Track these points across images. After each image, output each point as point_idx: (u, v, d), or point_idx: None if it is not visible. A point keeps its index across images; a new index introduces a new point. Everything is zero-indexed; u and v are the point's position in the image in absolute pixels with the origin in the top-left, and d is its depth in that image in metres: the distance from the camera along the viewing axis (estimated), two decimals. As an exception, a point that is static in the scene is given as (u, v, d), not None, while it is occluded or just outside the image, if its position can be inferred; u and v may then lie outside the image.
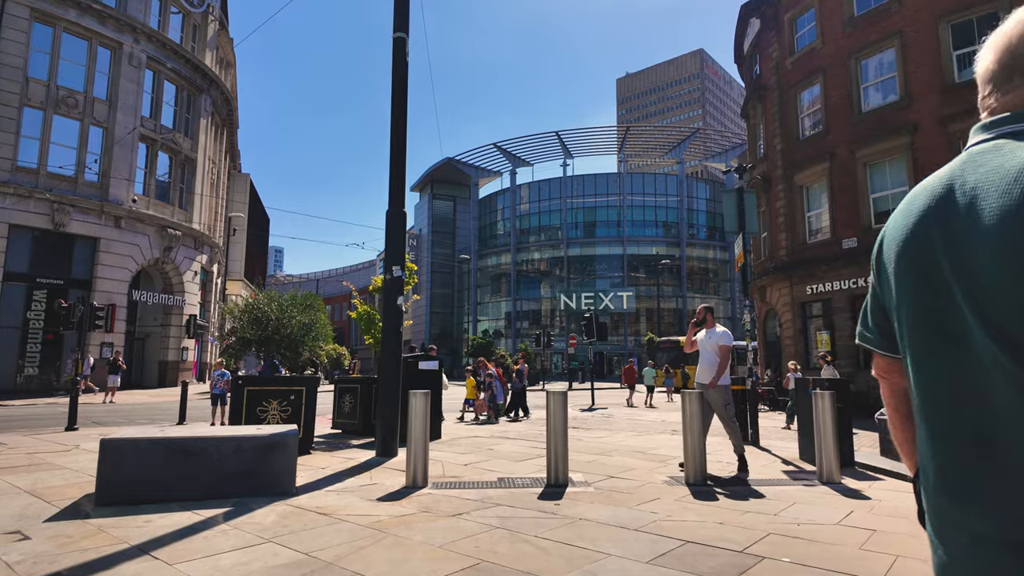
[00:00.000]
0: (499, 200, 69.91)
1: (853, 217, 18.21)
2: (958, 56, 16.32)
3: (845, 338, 18.24)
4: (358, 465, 6.68)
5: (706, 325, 6.82)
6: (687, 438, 5.90)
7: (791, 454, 7.96)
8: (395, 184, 7.48)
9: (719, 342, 6.62)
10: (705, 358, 6.68)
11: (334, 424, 10.31)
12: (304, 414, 7.51)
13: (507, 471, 6.45)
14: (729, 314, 63.06)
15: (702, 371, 6.65)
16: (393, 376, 7.25)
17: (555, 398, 5.80)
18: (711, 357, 6.58)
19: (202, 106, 31.38)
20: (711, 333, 6.77)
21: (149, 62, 27.79)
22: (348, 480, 5.87)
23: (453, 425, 11.98)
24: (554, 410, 5.75)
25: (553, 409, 5.76)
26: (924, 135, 16.60)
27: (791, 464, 7.13)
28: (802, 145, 20.30)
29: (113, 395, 20.30)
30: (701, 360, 6.71)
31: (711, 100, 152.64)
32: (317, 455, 7.39)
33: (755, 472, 6.57)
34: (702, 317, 6.83)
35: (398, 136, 7.51)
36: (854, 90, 18.56)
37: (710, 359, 6.59)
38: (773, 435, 10.73)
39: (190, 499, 4.68)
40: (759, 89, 22.88)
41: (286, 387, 7.48)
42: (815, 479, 6.09)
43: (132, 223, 26.33)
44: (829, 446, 5.95)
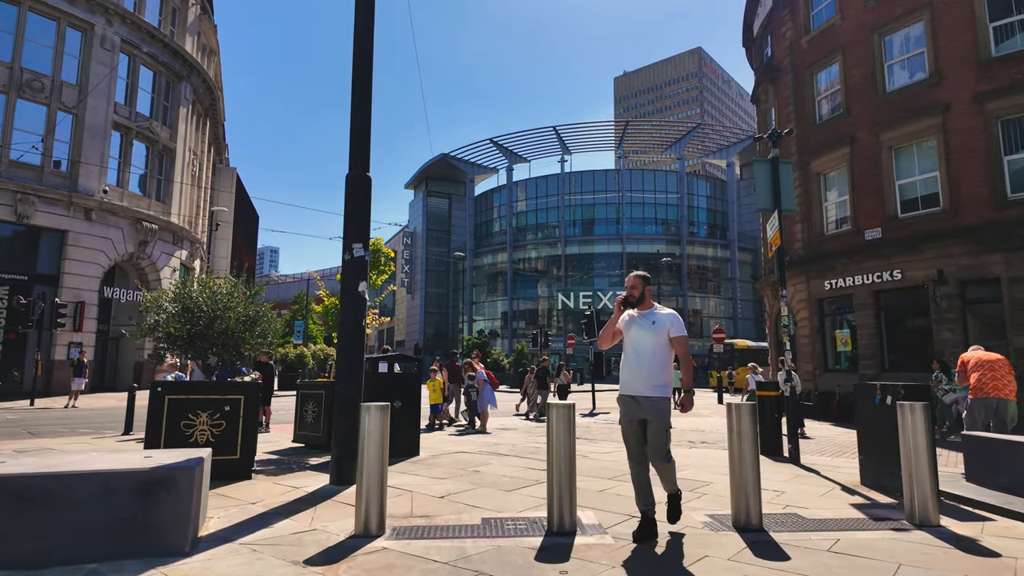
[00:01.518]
0: (495, 197, 68.45)
1: (877, 206, 16.77)
2: (995, 28, 14.89)
3: (868, 337, 16.79)
4: (302, 498, 5.18)
5: (641, 305, 4.39)
6: (735, 467, 4.41)
7: (848, 477, 6.48)
8: (357, 140, 5.98)
9: (672, 332, 4.28)
10: (639, 356, 4.28)
11: (295, 436, 8.80)
12: (242, 430, 6.00)
13: (495, 506, 4.95)
14: (731, 314, 61.69)
15: (637, 377, 4.27)
16: (353, 382, 5.75)
17: (558, 413, 4.31)
18: (652, 355, 4.24)
19: (182, 94, 29.80)
20: (648, 318, 4.33)
21: (123, 45, 26.20)
22: (280, 523, 4.36)
23: (438, 437, 10.48)
24: (557, 430, 4.26)
25: (556, 428, 4.27)
26: (957, 115, 15.16)
27: (856, 493, 5.65)
28: (819, 130, 18.85)
29: (76, 399, 18.74)
30: (634, 359, 4.31)
31: (709, 99, 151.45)
32: (258, 481, 5.88)
33: (815, 505, 5.09)
34: (639, 293, 4.39)
35: (362, 75, 6.01)
36: (877, 68, 17.12)
37: (649, 358, 4.24)
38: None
39: (25, 566, 3.18)
40: (771, 71, 21.44)
41: (219, 396, 5.96)
42: (902, 518, 4.61)
43: (104, 215, 24.75)
44: (924, 477, 4.46)
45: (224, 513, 4.56)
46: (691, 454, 8.51)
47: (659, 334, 4.27)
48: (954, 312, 14.83)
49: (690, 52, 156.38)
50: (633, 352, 4.34)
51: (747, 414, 4.43)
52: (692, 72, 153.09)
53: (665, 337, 4.28)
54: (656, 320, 4.32)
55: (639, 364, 4.27)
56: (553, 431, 4.28)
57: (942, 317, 14.97)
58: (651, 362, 4.24)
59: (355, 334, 5.78)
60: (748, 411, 4.43)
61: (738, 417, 4.43)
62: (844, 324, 18.35)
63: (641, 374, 4.25)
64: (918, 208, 15.96)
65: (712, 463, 7.57)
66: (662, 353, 4.27)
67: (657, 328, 4.28)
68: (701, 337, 58.74)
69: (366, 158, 6.03)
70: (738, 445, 4.44)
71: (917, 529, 4.33)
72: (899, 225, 16.17)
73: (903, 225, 16.06)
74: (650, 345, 4.26)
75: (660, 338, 4.27)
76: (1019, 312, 13.72)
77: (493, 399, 11.43)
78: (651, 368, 4.23)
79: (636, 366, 4.29)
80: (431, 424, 11.23)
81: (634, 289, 4.43)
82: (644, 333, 4.29)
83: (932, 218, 15.47)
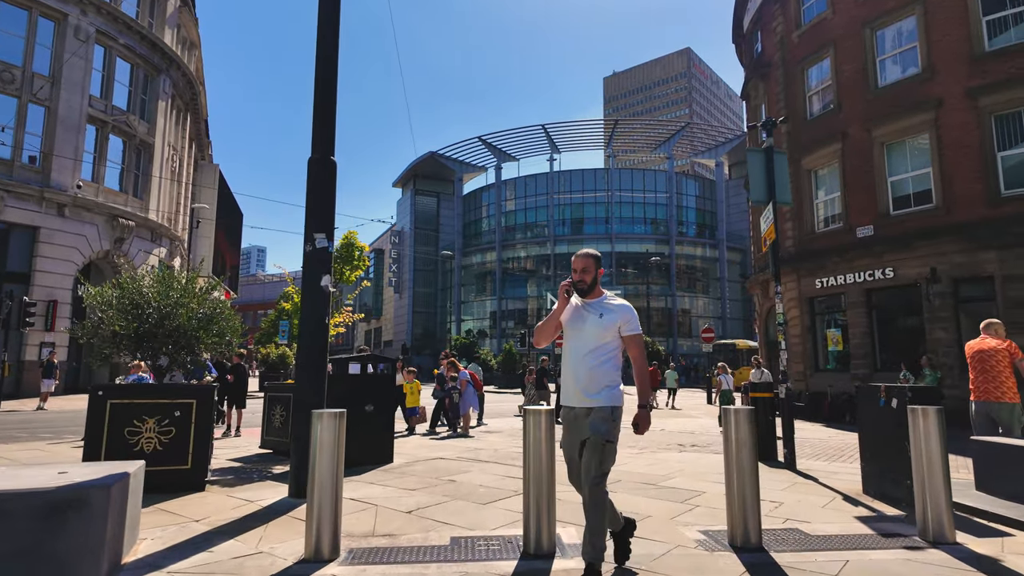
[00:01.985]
0: (484, 196, 67.91)
1: (869, 203, 16.49)
2: (988, 22, 14.66)
3: (860, 336, 16.51)
4: (255, 514, 4.68)
5: (591, 293, 3.56)
6: (732, 479, 3.98)
7: (848, 485, 6.07)
8: (320, 121, 5.48)
9: (624, 329, 3.47)
10: (581, 356, 3.46)
11: (263, 442, 8.27)
12: (195, 437, 5.48)
13: (468, 523, 4.48)
14: (720, 314, 61.62)
15: (577, 381, 3.46)
16: (313, 385, 5.25)
17: (535, 419, 3.85)
18: (597, 354, 3.43)
19: (160, 87, 29.03)
20: (596, 309, 3.50)
21: (99, 37, 25.42)
22: (223, 545, 3.87)
23: (416, 442, 10.00)
24: (534, 438, 3.80)
25: (532, 436, 3.81)
26: (950, 110, 14.91)
27: (859, 504, 5.24)
28: (810, 126, 18.57)
29: (46, 401, 18.06)
30: (575, 360, 3.50)
31: (698, 99, 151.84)
32: (211, 493, 5.37)
33: (817, 518, 4.67)
34: (591, 278, 3.54)
35: (326, 52, 5.51)
36: (869, 63, 16.85)
37: (594, 359, 3.42)
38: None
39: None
40: (761, 67, 21.14)
41: (169, 400, 5.44)
42: (913, 533, 4.19)
43: (78, 211, 23.98)
44: (938, 489, 4.05)
45: (161, 533, 4.06)
46: (681, 459, 8.09)
47: (608, 329, 3.44)
48: (947, 311, 14.57)
49: (679, 53, 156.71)
50: (574, 351, 3.51)
51: (745, 419, 3.99)
52: (681, 72, 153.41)
53: (615, 334, 3.45)
54: (605, 312, 3.47)
55: (580, 366, 3.44)
56: (530, 440, 3.82)
57: (935, 316, 14.71)
58: (596, 364, 3.41)
59: (317, 332, 5.28)
60: (747, 416, 4.00)
61: (736, 422, 4.00)
62: (835, 323, 18.08)
63: (582, 378, 3.42)
64: (910, 205, 15.70)
65: (703, 469, 7.15)
66: (610, 353, 3.45)
67: (606, 322, 3.44)
68: (690, 337, 58.58)
69: (330, 141, 5.53)
70: (735, 454, 4.00)
71: (932, 547, 3.92)
72: (891, 222, 15.90)
73: (895, 222, 15.79)
74: (596, 343, 3.43)
75: (609, 334, 3.44)
76: (1013, 311, 13.45)
77: (476, 401, 10.95)
78: (595, 371, 3.40)
79: (576, 368, 3.46)
80: (411, 429, 10.72)
81: (585, 273, 3.53)
82: (590, 328, 3.45)
83: (925, 215, 15.21)
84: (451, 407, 10.83)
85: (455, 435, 10.51)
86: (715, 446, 9.84)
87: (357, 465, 6.67)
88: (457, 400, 10.79)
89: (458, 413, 10.68)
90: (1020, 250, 13.35)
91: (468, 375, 11.41)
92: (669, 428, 13.40)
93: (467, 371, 11.62)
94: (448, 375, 11.45)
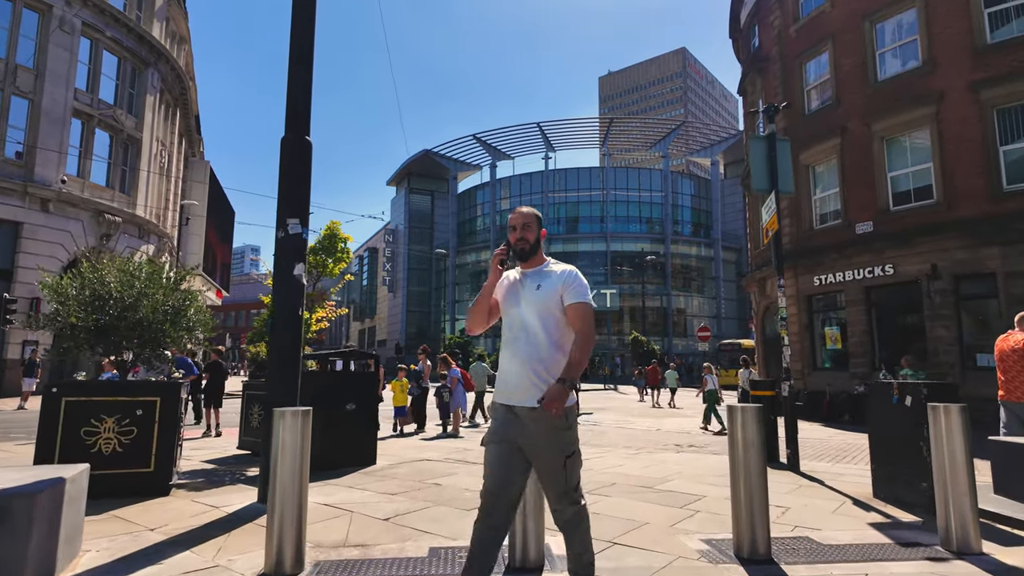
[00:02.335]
0: (479, 195, 67.54)
1: (868, 199, 16.20)
2: (990, 14, 14.38)
3: (859, 334, 16.22)
4: (218, 521, 4.30)
5: (529, 261, 2.85)
6: (738, 483, 3.62)
7: (857, 488, 5.73)
8: (295, 98, 5.10)
9: (568, 297, 2.71)
10: (517, 340, 2.74)
11: (240, 443, 7.87)
12: (158, 437, 5.09)
13: (450, 531, 4.11)
14: (715, 313, 61.43)
15: (512, 373, 2.72)
16: (285, 382, 4.87)
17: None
18: (538, 335, 2.70)
19: (149, 81, 28.50)
20: (534, 280, 2.79)
21: (85, 29, 24.89)
22: (175, 557, 3.49)
23: (403, 443, 9.62)
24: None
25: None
26: (952, 104, 14.63)
27: (871, 509, 4.89)
28: (808, 120, 18.26)
29: (27, 400, 17.59)
30: (512, 344, 2.76)
31: (693, 99, 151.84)
32: (175, 498, 4.99)
33: (828, 525, 4.33)
34: (534, 238, 2.85)
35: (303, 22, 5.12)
36: (869, 57, 16.56)
37: (535, 341, 2.69)
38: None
39: None
40: (759, 62, 20.84)
41: (130, 398, 5.05)
42: (934, 542, 3.86)
43: (62, 207, 23.45)
44: (962, 495, 3.71)
45: (108, 545, 3.67)
46: (680, 460, 7.74)
47: (547, 302, 2.69)
48: (948, 308, 14.28)
49: (674, 52, 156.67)
50: (510, 334, 2.76)
51: (753, 419, 3.64)
52: (676, 72, 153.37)
53: (556, 306, 2.69)
54: (544, 282, 2.74)
55: (517, 352, 2.69)
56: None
57: (936, 313, 14.42)
58: (536, 347, 2.65)
59: (289, 324, 4.90)
60: (754, 415, 3.64)
61: (743, 422, 3.64)
62: (834, 321, 17.80)
63: (519, 368, 2.65)
64: (911, 201, 15.42)
65: (702, 471, 6.80)
66: (553, 331, 2.67)
67: (545, 294, 2.70)
68: (686, 336, 58.36)
69: (306, 120, 5.15)
70: (742, 456, 3.64)
71: (957, 559, 3.58)
72: (891, 218, 15.61)
73: (895, 218, 15.50)
74: (536, 320, 2.68)
75: (549, 308, 2.69)
76: (1016, 308, 13.09)
77: (464, 400, 10.57)
78: (535, 357, 2.63)
79: (513, 355, 2.70)
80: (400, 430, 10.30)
81: (527, 230, 2.81)
82: (528, 304, 2.72)
83: (925, 211, 14.92)
84: (440, 406, 10.44)
85: (444, 435, 10.14)
86: (713, 446, 9.51)
87: (336, 467, 6.30)
88: (447, 399, 10.41)
89: (448, 412, 10.30)
90: (1023, 246, 13.07)
91: (459, 372, 11.03)
92: (666, 428, 13.08)
93: (458, 369, 11.24)
94: (439, 372, 11.09)
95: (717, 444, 9.79)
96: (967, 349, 14.08)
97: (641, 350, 44.46)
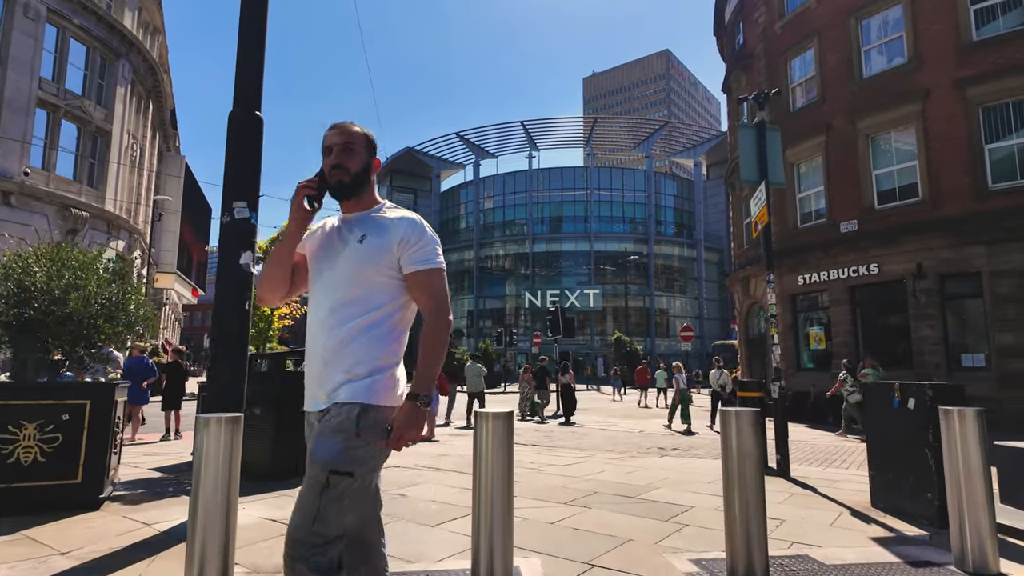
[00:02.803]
0: (462, 194, 66.99)
1: (853, 197, 16.02)
2: (976, 11, 14.25)
3: (843, 334, 16.03)
4: (145, 541, 3.79)
5: (352, 201, 1.96)
6: (733, 499, 3.21)
7: (853, 496, 5.37)
8: (245, 68, 4.60)
9: (407, 259, 1.85)
10: (326, 311, 1.86)
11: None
12: (87, 445, 4.56)
13: (409, 552, 3.65)
14: (697, 313, 61.51)
15: (314, 366, 1.87)
16: (231, 382, 4.37)
17: (493, 425, 3.03)
18: (353, 307, 1.83)
19: (119, 72, 27.56)
20: (358, 228, 1.91)
21: (51, 16, 23.95)
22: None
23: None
24: (488, 449, 2.99)
25: (486, 448, 3.00)
26: (937, 102, 14.48)
27: (872, 521, 4.52)
28: (793, 118, 18.05)
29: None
30: (317, 322, 1.88)
31: (676, 101, 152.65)
32: (104, 513, 4.46)
33: (827, 540, 3.94)
34: (358, 167, 1.92)
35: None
36: (854, 53, 16.39)
37: (344, 314, 1.83)
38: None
39: None
40: (743, 59, 20.63)
41: (54, 401, 4.51)
42: (947, 560, 3.48)
43: (25, 200, 22.51)
44: (979, 509, 3.34)
45: (5, 574, 3.15)
46: (664, 465, 7.35)
47: (373, 262, 1.85)
48: (933, 308, 14.12)
49: (658, 54, 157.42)
50: (317, 307, 1.90)
51: (749, 424, 3.23)
52: (660, 74, 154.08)
53: (388, 268, 1.85)
54: (372, 233, 1.88)
55: (321, 334, 1.86)
56: (482, 450, 3.01)
57: (921, 313, 14.26)
58: (348, 328, 1.81)
59: (234, 319, 4.40)
60: (751, 421, 3.23)
61: (737, 429, 3.23)
62: (817, 321, 17.62)
63: (324, 356, 1.83)
64: (896, 199, 15.25)
65: (688, 477, 6.41)
66: (376, 307, 1.84)
67: (371, 248, 1.85)
68: (668, 336, 58.35)
69: (257, 92, 4.65)
70: (736, 467, 3.23)
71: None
72: (876, 217, 15.44)
73: (880, 217, 15.33)
74: (350, 288, 1.84)
75: (375, 272, 1.85)
76: (1001, 307, 13.06)
77: (437, 403, 10.07)
78: (346, 341, 1.80)
79: (316, 340, 1.88)
80: None
81: (347, 155, 1.91)
82: (344, 262, 1.87)
83: (911, 209, 14.77)
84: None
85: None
86: (697, 449, 9.15)
87: (294, 476, 5.80)
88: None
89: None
90: (1009, 245, 12.94)
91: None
92: (649, 430, 12.73)
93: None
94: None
95: (702, 447, 9.44)
96: (952, 349, 13.93)
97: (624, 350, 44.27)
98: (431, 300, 1.85)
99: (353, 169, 1.92)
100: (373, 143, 2.01)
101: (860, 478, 6.32)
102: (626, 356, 42.62)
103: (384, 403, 1.80)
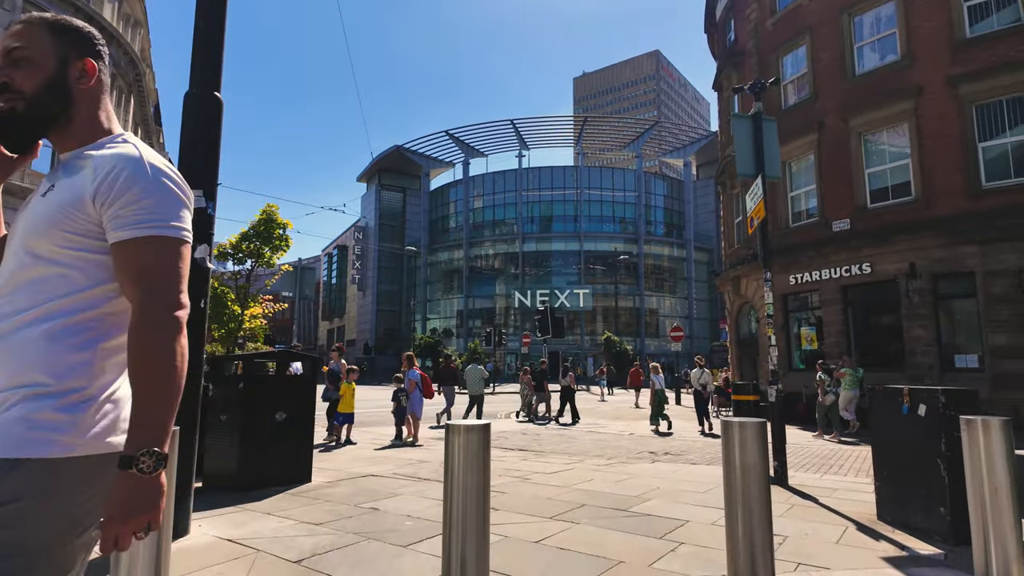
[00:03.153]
0: (451, 192, 66.50)
1: (845, 195, 15.82)
2: (969, 8, 14.09)
3: (835, 334, 15.82)
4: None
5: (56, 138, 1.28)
6: (736, 518, 2.87)
7: (856, 507, 5.07)
8: (203, 46, 4.21)
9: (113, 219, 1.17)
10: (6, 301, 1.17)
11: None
12: None
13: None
14: (687, 313, 61.46)
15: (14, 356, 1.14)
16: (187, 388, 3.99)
17: (467, 438, 2.67)
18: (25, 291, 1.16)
19: (98, 65, 26.86)
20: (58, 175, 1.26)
21: (27, 6, 23.24)
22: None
23: (352, 454, 8.74)
24: (462, 467, 2.64)
25: (458, 463, 2.64)
26: (930, 99, 14.30)
27: (881, 536, 4.21)
28: (785, 116, 17.80)
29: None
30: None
31: (666, 101, 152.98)
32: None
33: (835, 560, 3.62)
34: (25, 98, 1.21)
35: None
36: (846, 50, 16.19)
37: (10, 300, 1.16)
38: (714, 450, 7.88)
39: None
40: (734, 56, 20.40)
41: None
42: (966, 585, 3.16)
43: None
44: (1006, 529, 3.03)
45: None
46: (656, 471, 7.03)
47: (57, 224, 1.18)
48: (926, 307, 13.94)
49: (648, 55, 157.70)
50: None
51: (755, 437, 2.89)
52: (650, 75, 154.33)
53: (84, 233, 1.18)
54: (67, 173, 1.24)
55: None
56: (455, 473, 2.65)
57: (913, 313, 14.07)
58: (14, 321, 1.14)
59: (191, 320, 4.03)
60: (756, 432, 2.90)
61: (741, 441, 2.89)
62: (808, 321, 17.42)
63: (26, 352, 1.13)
64: (889, 198, 15.06)
65: (682, 486, 6.09)
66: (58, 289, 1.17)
67: (52, 207, 1.19)
68: (658, 336, 58.24)
69: (216, 71, 4.26)
70: (740, 483, 2.90)
71: (1003, 610, 2.89)
72: (869, 216, 15.24)
73: (873, 216, 15.13)
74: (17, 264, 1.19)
75: (60, 238, 1.18)
76: (994, 307, 12.88)
77: (421, 407, 9.68)
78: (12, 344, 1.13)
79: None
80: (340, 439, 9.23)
81: (15, 69, 1.21)
82: (25, 220, 1.23)
83: (904, 208, 14.58)
84: (397, 411, 9.55)
85: (400, 444, 9.27)
86: (690, 454, 8.85)
87: (261, 487, 5.41)
88: (404, 403, 9.53)
89: (403, 418, 9.41)
90: (1002, 244, 12.77)
91: (419, 375, 10.16)
92: (639, 432, 12.42)
93: (418, 371, 10.36)
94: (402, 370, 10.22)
95: (695, 452, 9.14)
96: (945, 349, 13.75)
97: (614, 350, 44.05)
98: (138, 288, 1.15)
99: (29, 89, 1.21)
100: (71, 34, 1.27)
101: (860, 486, 6.03)
102: (616, 356, 42.40)
103: (48, 455, 1.07)
